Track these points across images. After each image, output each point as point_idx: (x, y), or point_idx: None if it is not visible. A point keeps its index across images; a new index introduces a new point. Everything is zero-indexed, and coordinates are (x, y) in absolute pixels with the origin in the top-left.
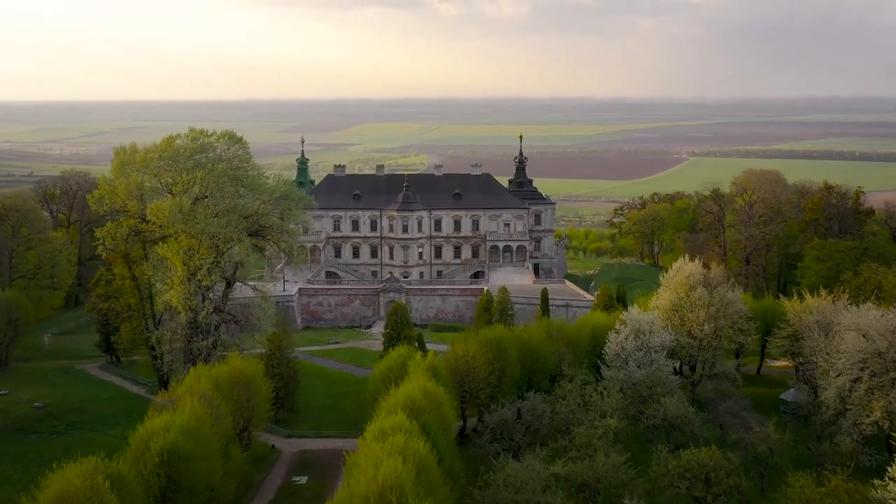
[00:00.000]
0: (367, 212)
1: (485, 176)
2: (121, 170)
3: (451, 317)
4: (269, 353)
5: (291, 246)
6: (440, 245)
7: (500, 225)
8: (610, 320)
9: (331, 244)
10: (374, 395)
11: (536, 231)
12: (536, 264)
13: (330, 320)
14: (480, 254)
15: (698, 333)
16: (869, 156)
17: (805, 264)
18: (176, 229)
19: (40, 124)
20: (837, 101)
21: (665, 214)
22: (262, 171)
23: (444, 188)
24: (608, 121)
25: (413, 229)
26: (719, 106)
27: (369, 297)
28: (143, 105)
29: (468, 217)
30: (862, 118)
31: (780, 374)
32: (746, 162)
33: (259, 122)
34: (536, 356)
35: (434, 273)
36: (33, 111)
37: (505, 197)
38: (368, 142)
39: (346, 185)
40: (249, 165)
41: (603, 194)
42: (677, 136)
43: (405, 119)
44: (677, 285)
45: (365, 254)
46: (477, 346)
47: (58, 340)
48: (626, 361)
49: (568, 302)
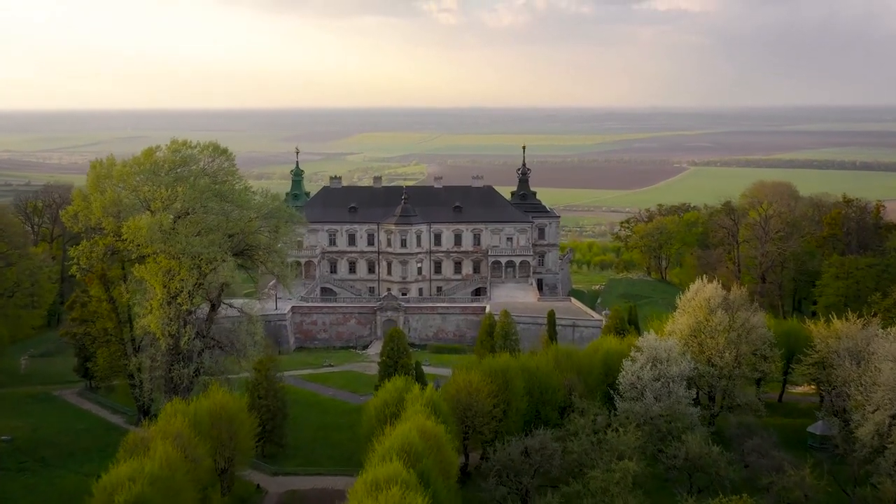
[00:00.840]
0: (363, 225)
1: (486, 188)
2: (96, 184)
3: (451, 336)
4: (255, 383)
5: (280, 267)
6: (440, 260)
7: (503, 239)
8: (623, 346)
9: (326, 259)
10: (369, 433)
11: (540, 245)
12: (540, 280)
13: (324, 340)
14: (482, 269)
15: (718, 361)
16: (870, 165)
17: (823, 282)
18: (154, 249)
19: (39, 133)
20: (837, 109)
21: (673, 228)
22: (248, 185)
23: (444, 201)
24: (608, 130)
25: (412, 244)
26: (719, 115)
27: (366, 316)
28: (144, 114)
29: (469, 231)
30: (862, 127)
31: (803, 402)
32: (747, 171)
33: (259, 131)
34: (545, 387)
35: (434, 289)
36: (33, 120)
37: (507, 210)
38: (368, 151)
39: (343, 198)
40: (235, 179)
41: (603, 204)
42: (677, 146)
43: (404, 128)
44: (695, 308)
45: (362, 269)
46: (480, 377)
47: (35, 363)
48: (642, 393)
49: (574, 322)
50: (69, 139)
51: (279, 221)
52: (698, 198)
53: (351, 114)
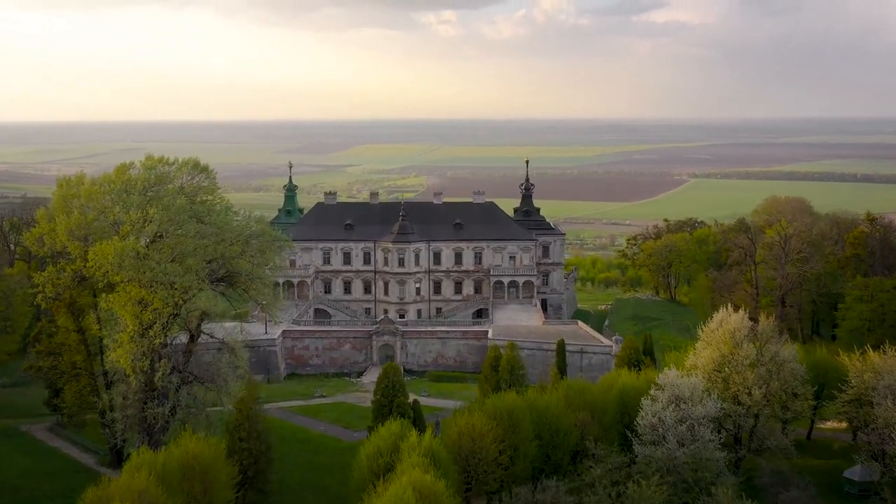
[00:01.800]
0: (359, 243)
1: (488, 204)
2: (63, 204)
3: (452, 362)
4: (236, 424)
5: (265, 295)
6: (439, 280)
7: (505, 258)
8: (640, 382)
9: (320, 279)
10: (360, 487)
11: (544, 264)
12: (544, 300)
13: (317, 366)
14: (483, 289)
15: (746, 399)
16: (871, 177)
17: (846, 305)
18: (124, 277)
19: (38, 145)
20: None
21: (683, 245)
22: (230, 205)
23: (443, 217)
24: (608, 142)
25: (410, 263)
26: (718, 127)
27: (361, 341)
28: (144, 125)
29: (470, 249)
30: (861, 139)
31: (835, 440)
32: (748, 184)
33: (258, 143)
34: (555, 429)
35: (433, 311)
36: (32, 131)
37: (510, 227)
38: (367, 163)
39: (337, 214)
40: (216, 198)
41: (604, 216)
42: (677, 158)
43: (404, 140)
44: (720, 340)
45: (357, 289)
46: (484, 419)
47: (5, 394)
48: (663, 436)
49: (582, 348)
50: (68, 151)
51: (263, 245)
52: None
53: (350, 126)
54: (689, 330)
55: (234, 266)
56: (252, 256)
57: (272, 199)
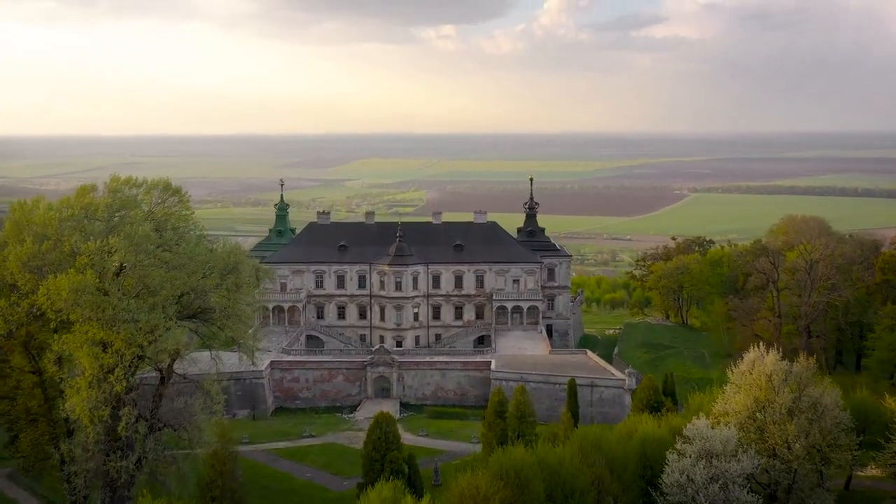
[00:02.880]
0: (354, 266)
1: (490, 224)
2: (16, 232)
3: (452, 395)
4: (209, 481)
5: (242, 334)
6: (439, 305)
7: (509, 281)
8: (663, 431)
9: (312, 303)
10: None
11: (550, 287)
12: (550, 325)
13: (307, 399)
14: (486, 315)
15: (785, 453)
16: (872, 192)
17: (876, 334)
18: (81, 315)
19: (38, 159)
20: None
21: (695, 267)
22: (204, 232)
23: (443, 238)
24: (607, 156)
25: (408, 286)
26: (717, 141)
27: (354, 372)
28: (145, 140)
29: (471, 272)
30: (859, 153)
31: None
32: (749, 199)
33: (257, 157)
34: (570, 488)
35: (432, 337)
36: (32, 145)
37: (514, 249)
38: (367, 177)
39: (331, 235)
40: (189, 225)
41: (604, 231)
42: (677, 172)
43: (404, 154)
44: (753, 385)
45: (352, 314)
46: (489, 480)
47: None
48: (693, 497)
49: (593, 381)
50: (67, 165)
51: (240, 278)
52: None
53: (349, 140)
54: (705, 359)
55: (208, 301)
56: (228, 290)
57: (270, 214)
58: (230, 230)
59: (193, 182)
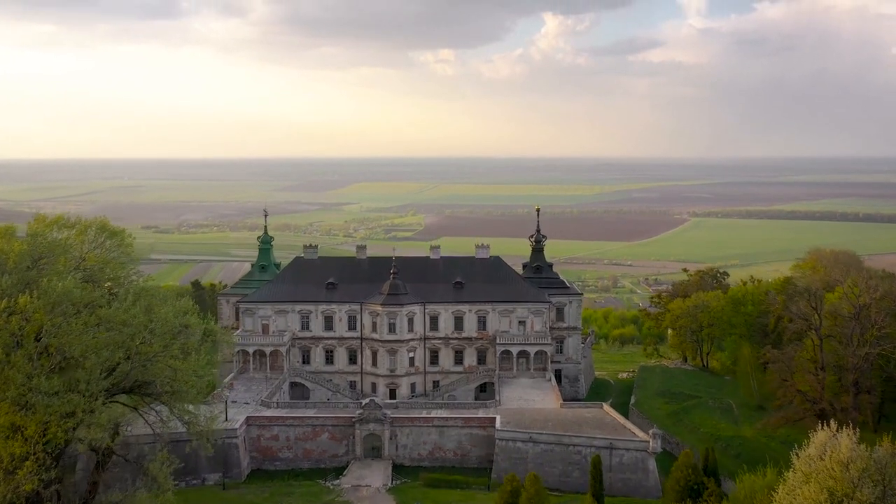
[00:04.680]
0: (343, 305)
1: (493, 260)
2: None
3: (451, 456)
4: None
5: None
6: (437, 348)
7: (514, 323)
8: None
9: (297, 347)
10: None
11: (559, 329)
12: (559, 370)
13: (288, 460)
14: (488, 359)
15: None
16: (873, 217)
17: None
18: None
19: (35, 182)
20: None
21: (716, 305)
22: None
23: (441, 275)
24: (606, 180)
25: (402, 328)
26: (714, 165)
27: (341, 429)
28: (142, 163)
29: (473, 313)
30: (856, 178)
31: None
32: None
33: (256, 180)
34: None
35: (429, 384)
36: (30, 169)
37: (519, 287)
38: (365, 201)
39: (318, 271)
40: (129, 273)
41: (604, 256)
42: (676, 196)
43: (403, 178)
44: (825, 474)
45: (341, 359)
46: None
47: None
48: None
49: (612, 443)
50: (65, 188)
51: (190, 344)
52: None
53: (348, 163)
54: (733, 411)
55: (147, 374)
56: (174, 358)
57: None
58: (225, 255)
59: (191, 206)
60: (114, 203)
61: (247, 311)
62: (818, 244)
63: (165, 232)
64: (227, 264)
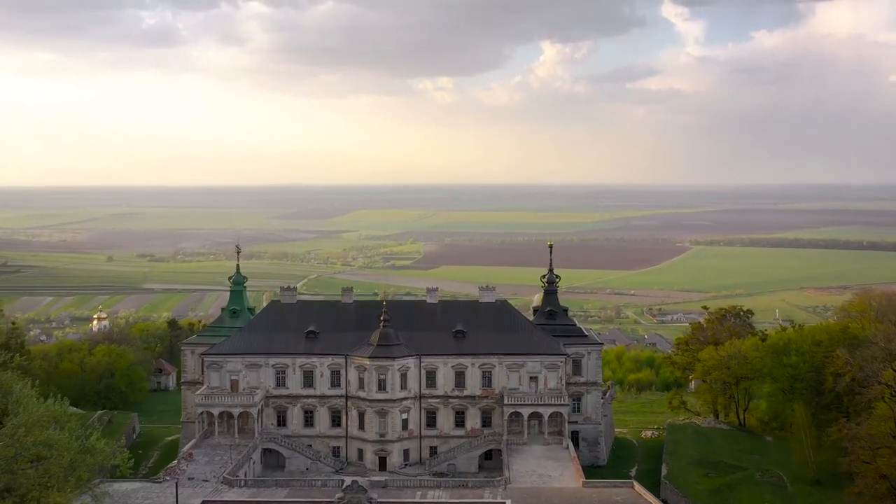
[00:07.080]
0: (325, 358)
1: (500, 304)
2: None
3: None
4: None
5: None
6: (434, 409)
7: (524, 378)
8: None
9: (272, 407)
10: None
11: (575, 384)
12: (576, 432)
13: None
14: (494, 421)
15: None
16: (877, 245)
17: None
18: None
19: (34, 210)
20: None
21: (755, 355)
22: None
23: (440, 322)
24: (606, 208)
25: (394, 385)
26: (714, 193)
27: None
28: (142, 191)
29: (476, 367)
30: (857, 206)
31: None
32: (753, 251)
33: (254, 208)
34: None
35: (425, 451)
36: (30, 197)
37: (530, 336)
38: (364, 228)
39: (297, 318)
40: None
41: (606, 286)
42: (677, 224)
43: (402, 205)
44: None
45: (322, 421)
46: None
47: None
48: None
49: None
50: (63, 216)
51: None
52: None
53: (347, 191)
54: (786, 488)
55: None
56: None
57: (264, 267)
58: (220, 284)
59: (188, 234)
60: (111, 230)
61: (213, 365)
62: (821, 272)
63: (161, 260)
64: (221, 294)
